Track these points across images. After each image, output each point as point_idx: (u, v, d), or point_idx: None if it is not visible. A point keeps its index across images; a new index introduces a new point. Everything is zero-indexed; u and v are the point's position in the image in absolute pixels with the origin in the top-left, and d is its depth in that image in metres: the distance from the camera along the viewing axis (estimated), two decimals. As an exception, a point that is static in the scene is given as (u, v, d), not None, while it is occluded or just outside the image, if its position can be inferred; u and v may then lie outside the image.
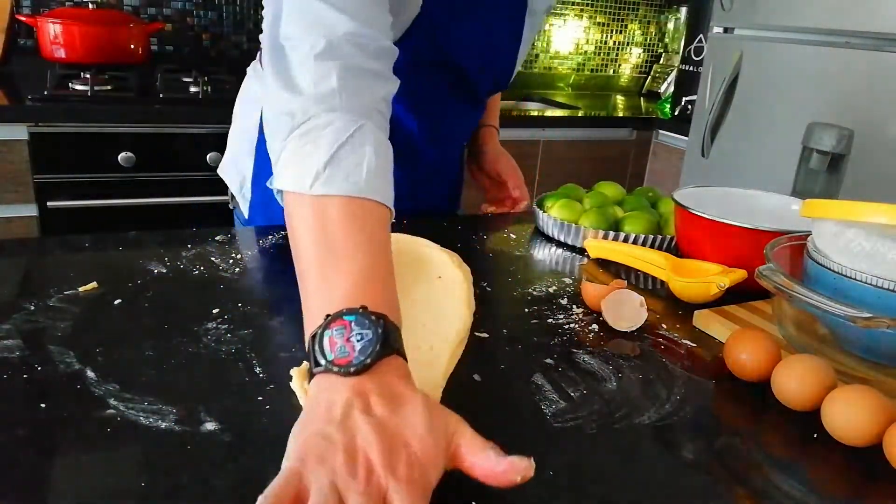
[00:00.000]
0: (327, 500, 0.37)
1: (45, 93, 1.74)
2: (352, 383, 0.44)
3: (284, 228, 0.88)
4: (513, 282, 0.78)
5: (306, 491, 0.38)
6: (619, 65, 3.00)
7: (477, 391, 0.56)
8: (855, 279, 0.58)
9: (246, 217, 1.02)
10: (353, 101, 0.60)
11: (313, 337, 0.47)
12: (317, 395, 0.45)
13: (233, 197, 1.06)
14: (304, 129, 0.59)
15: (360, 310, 0.47)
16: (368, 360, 0.45)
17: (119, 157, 1.74)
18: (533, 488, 0.45)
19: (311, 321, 0.50)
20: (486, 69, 0.98)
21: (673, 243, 0.89)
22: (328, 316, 0.48)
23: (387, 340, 0.46)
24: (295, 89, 0.61)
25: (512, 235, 0.96)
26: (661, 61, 2.97)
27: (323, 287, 0.51)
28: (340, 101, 0.60)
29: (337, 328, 0.47)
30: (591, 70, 2.95)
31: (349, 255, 0.52)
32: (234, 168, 1.04)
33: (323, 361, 0.46)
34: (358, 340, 0.46)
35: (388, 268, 0.54)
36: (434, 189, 1.08)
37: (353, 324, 0.47)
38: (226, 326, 0.62)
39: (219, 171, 1.08)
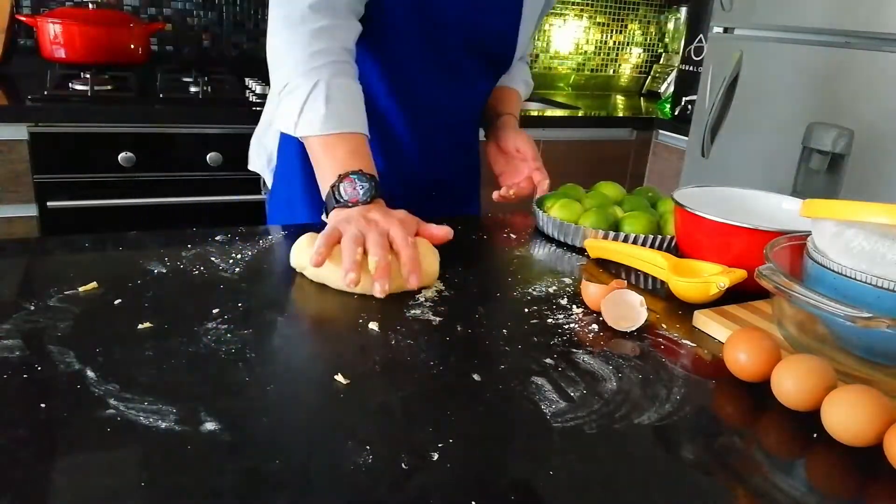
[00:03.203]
0: (355, 237, 0.72)
1: (45, 93, 1.74)
2: (358, 209, 0.78)
3: (289, 227, 0.89)
4: (513, 282, 0.78)
5: (341, 236, 0.73)
6: (619, 65, 3.00)
7: (477, 391, 0.56)
8: (855, 279, 0.58)
9: (269, 189, 1.12)
10: (310, 64, 0.84)
11: (332, 186, 0.80)
12: (335, 218, 0.78)
13: (263, 183, 1.15)
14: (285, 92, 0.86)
15: (359, 170, 0.80)
16: (368, 198, 0.79)
17: (119, 157, 1.74)
18: (533, 487, 0.45)
19: (327, 180, 0.81)
20: (472, 38, 0.97)
21: (673, 243, 0.89)
22: (340, 175, 0.80)
23: (376, 188, 0.80)
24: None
25: (512, 235, 0.96)
26: (661, 61, 2.97)
27: (331, 159, 0.82)
28: (303, 67, 0.85)
29: (347, 181, 0.79)
30: (591, 70, 2.95)
31: (343, 143, 0.83)
32: (260, 144, 1.11)
33: (341, 200, 0.79)
34: (361, 188, 0.79)
35: (367, 151, 0.85)
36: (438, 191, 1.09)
37: (356, 178, 0.80)
38: (226, 326, 0.62)
39: (252, 139, 1.14)
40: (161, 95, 1.83)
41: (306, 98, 0.83)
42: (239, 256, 0.79)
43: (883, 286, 0.56)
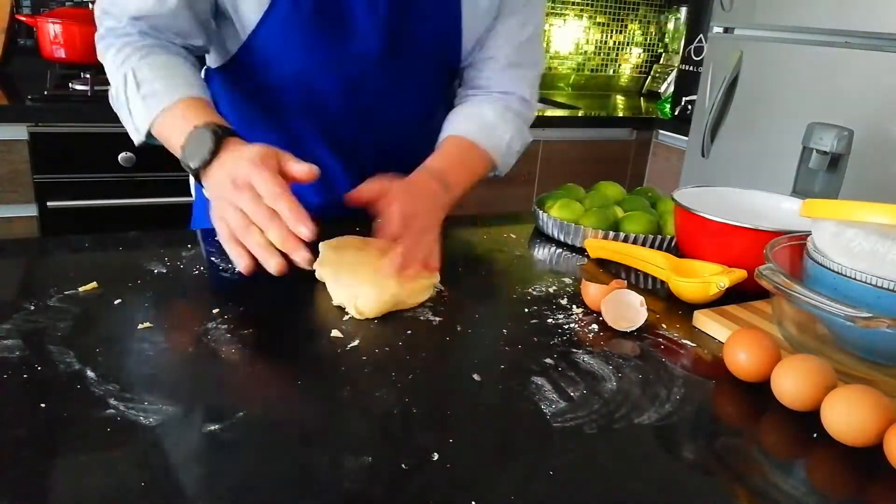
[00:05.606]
0: (238, 225, 0.65)
1: (45, 93, 1.74)
2: (222, 171, 0.68)
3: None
4: (513, 282, 0.78)
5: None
6: (619, 65, 3.00)
7: (477, 391, 0.56)
8: (855, 279, 0.58)
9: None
10: (117, 61, 0.85)
11: (182, 159, 0.73)
12: (210, 195, 0.71)
13: None
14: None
15: (194, 126, 0.72)
16: (214, 145, 0.70)
17: (119, 157, 1.74)
18: (533, 487, 0.45)
19: (178, 152, 0.74)
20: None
21: (673, 243, 0.89)
22: (181, 145, 0.73)
23: (219, 130, 0.72)
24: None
25: (512, 235, 0.96)
26: (661, 61, 2.97)
27: (172, 133, 0.77)
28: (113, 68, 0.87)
29: (190, 139, 0.72)
30: (591, 70, 2.95)
31: (178, 112, 0.78)
32: None
33: (200, 161, 0.71)
34: (207, 138, 0.71)
35: (205, 107, 0.79)
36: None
37: (197, 131, 0.72)
38: (226, 326, 0.62)
39: None
40: (161, 95, 1.83)
41: (125, 98, 0.83)
42: (239, 256, 0.79)
43: (883, 286, 0.56)
